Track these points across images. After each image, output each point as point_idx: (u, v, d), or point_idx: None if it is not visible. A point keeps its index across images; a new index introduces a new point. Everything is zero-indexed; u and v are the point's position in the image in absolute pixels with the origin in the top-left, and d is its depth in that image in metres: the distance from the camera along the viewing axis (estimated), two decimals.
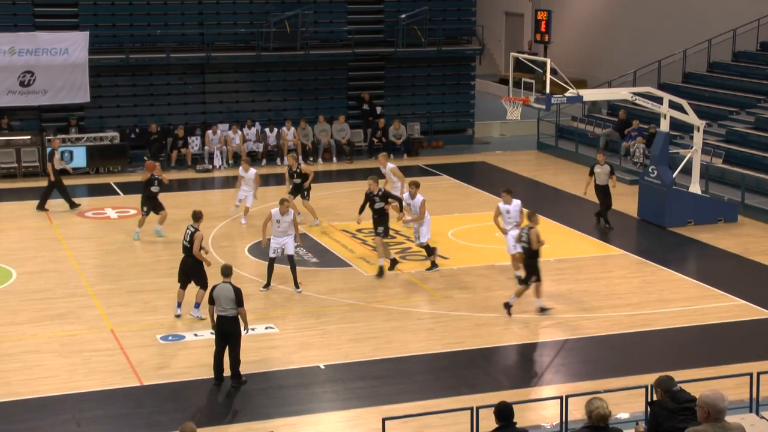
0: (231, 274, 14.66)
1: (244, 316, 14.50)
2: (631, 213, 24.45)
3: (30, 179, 27.86)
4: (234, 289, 14.36)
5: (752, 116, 28.71)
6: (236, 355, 14.44)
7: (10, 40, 28.29)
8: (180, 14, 31.00)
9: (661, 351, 16.28)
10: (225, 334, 14.40)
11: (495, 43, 46.61)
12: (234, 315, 14.34)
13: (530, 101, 22.40)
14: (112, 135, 29.47)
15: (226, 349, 14.47)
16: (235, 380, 14.49)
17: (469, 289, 18.72)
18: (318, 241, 21.88)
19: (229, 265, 14.91)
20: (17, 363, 15.41)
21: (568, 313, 17.70)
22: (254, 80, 31.86)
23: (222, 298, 14.33)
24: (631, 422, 12.23)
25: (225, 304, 14.32)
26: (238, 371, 14.49)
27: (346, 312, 17.66)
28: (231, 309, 14.31)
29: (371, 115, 32.00)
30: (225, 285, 14.45)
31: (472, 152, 32.82)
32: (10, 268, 20.14)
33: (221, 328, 14.42)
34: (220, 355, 14.49)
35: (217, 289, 14.45)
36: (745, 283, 19.36)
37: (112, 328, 16.84)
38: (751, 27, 31.85)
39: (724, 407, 8.45)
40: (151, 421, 13.55)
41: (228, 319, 14.34)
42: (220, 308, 14.37)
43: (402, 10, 32.54)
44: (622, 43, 38.63)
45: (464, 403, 13.35)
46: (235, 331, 14.39)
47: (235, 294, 14.31)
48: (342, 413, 13.98)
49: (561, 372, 15.34)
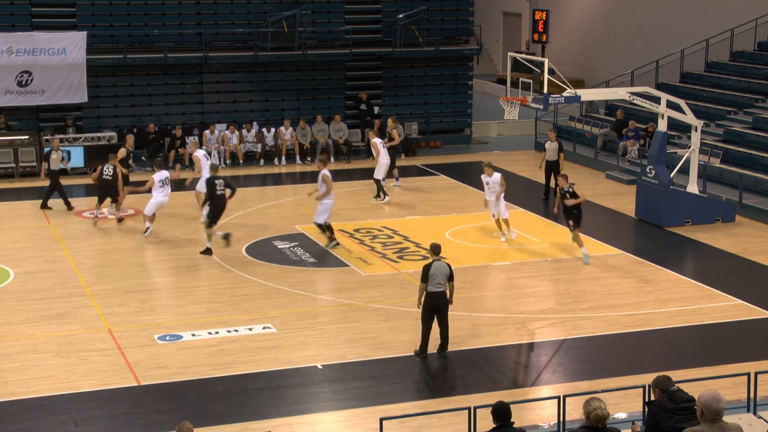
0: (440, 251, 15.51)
1: (453, 290, 15.45)
2: (628, 213, 24.47)
3: (27, 179, 27.85)
4: (448, 266, 15.32)
5: (750, 116, 28.72)
6: (448, 327, 15.46)
7: (8, 40, 28.27)
8: (178, 14, 31.00)
9: (658, 351, 16.29)
10: (437, 308, 15.30)
11: (493, 43, 46.66)
12: (445, 290, 15.24)
13: (528, 101, 22.41)
14: (110, 135, 29.47)
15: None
16: (444, 351, 15.54)
17: (466, 289, 18.71)
18: (316, 241, 21.87)
19: (437, 243, 15.61)
20: (15, 363, 15.40)
21: (565, 312, 17.71)
22: (252, 80, 31.86)
23: (439, 275, 15.14)
24: (628, 422, 12.22)
25: (441, 279, 15.16)
26: (447, 343, 15.52)
27: (343, 312, 17.65)
28: (444, 284, 15.23)
29: (369, 115, 32.00)
30: (440, 262, 15.25)
31: (469, 152, 32.83)
32: (7, 268, 20.12)
33: (434, 303, 15.25)
34: (430, 330, 15.40)
35: (433, 267, 15.17)
36: (743, 283, 19.37)
37: (109, 328, 16.83)
38: (748, 27, 31.87)
39: (720, 408, 8.45)
40: (149, 420, 13.55)
41: (442, 294, 15.25)
42: (435, 284, 15.15)
43: (400, 10, 32.55)
44: (619, 43, 38.67)
45: (462, 403, 13.36)
46: (446, 304, 15.35)
47: (450, 270, 15.27)
48: (339, 413, 13.97)
49: (558, 372, 15.34)
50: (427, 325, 15.46)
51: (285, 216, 24.14)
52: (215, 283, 19.28)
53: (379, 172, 25.34)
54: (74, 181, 27.45)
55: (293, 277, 19.50)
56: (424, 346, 15.52)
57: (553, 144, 25.25)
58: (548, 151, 25.36)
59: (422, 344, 15.52)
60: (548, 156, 25.34)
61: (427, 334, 15.48)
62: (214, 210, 20.78)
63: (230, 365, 15.26)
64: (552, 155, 25.33)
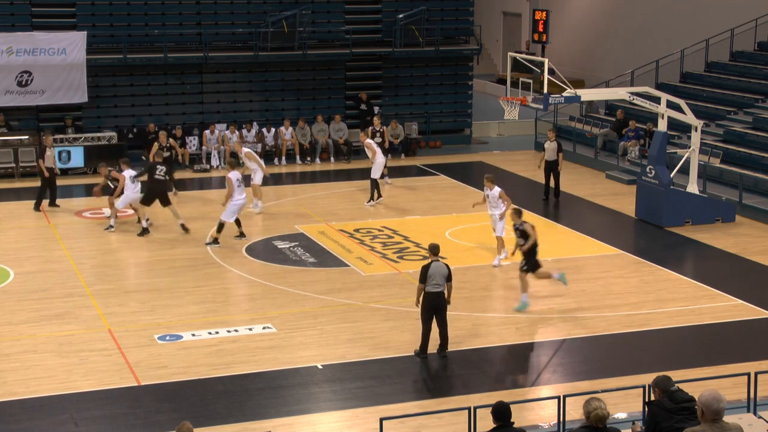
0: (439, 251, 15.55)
1: (450, 290, 15.39)
2: (628, 213, 24.47)
3: (28, 179, 27.84)
4: (447, 266, 15.32)
5: (750, 116, 28.72)
6: (446, 327, 15.46)
7: (8, 40, 28.27)
8: (178, 14, 31.00)
9: (658, 351, 16.29)
10: (436, 309, 15.32)
11: (493, 43, 46.67)
12: (443, 290, 15.25)
13: (528, 101, 22.42)
14: (110, 135, 29.46)
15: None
16: (444, 351, 15.53)
17: (466, 289, 18.71)
18: (316, 241, 21.88)
19: (436, 243, 15.64)
20: (15, 363, 15.40)
21: (565, 312, 17.70)
22: (252, 80, 31.86)
23: (438, 275, 15.16)
24: (628, 422, 12.22)
25: (439, 280, 15.18)
26: (447, 343, 15.52)
27: (343, 312, 17.65)
28: (443, 285, 15.24)
29: (369, 114, 31.99)
30: (439, 263, 15.27)
31: (469, 152, 32.83)
32: (7, 267, 20.12)
33: (432, 303, 15.27)
34: (430, 331, 15.41)
35: (432, 267, 15.19)
36: (743, 283, 19.37)
37: (109, 328, 16.83)
38: (748, 27, 31.87)
39: (720, 408, 8.44)
40: (149, 420, 13.55)
41: (440, 294, 15.26)
42: (434, 284, 15.17)
43: (400, 10, 32.55)
44: (619, 43, 38.67)
45: (462, 403, 13.37)
46: (444, 304, 15.36)
47: (448, 270, 15.27)
48: (339, 413, 13.97)
49: (558, 372, 15.34)
50: (427, 325, 15.47)
51: (285, 216, 24.14)
52: (215, 283, 19.28)
53: (376, 171, 25.26)
54: (75, 181, 27.42)
55: (293, 277, 19.50)
56: (424, 346, 15.53)
57: (552, 144, 25.31)
58: (547, 151, 25.41)
59: (422, 344, 15.53)
60: (547, 156, 25.40)
61: (426, 335, 15.49)
62: (148, 193, 22.39)
63: (230, 365, 15.26)
64: (551, 155, 25.36)
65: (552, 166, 25.44)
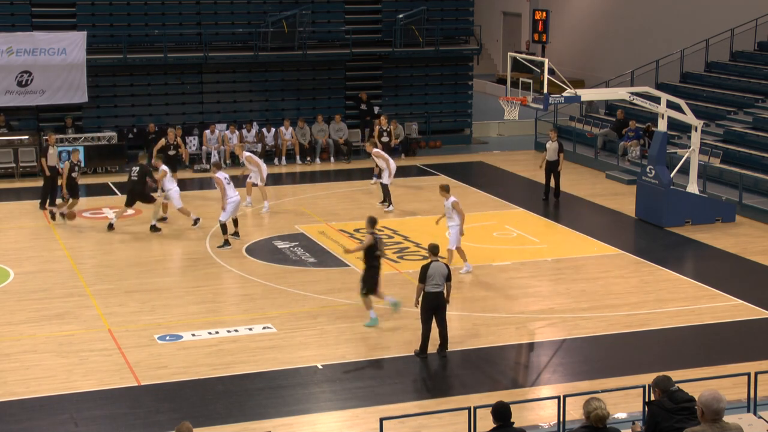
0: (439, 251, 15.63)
1: (450, 290, 15.43)
2: (628, 213, 24.46)
3: (28, 179, 27.84)
4: (446, 266, 15.40)
5: (750, 116, 28.71)
6: (446, 327, 15.48)
7: (8, 40, 28.26)
8: (178, 14, 31.00)
9: (658, 351, 16.28)
10: (435, 308, 15.35)
11: (493, 43, 46.66)
12: (442, 290, 15.29)
13: (528, 101, 22.41)
14: (110, 135, 29.46)
15: None
16: (443, 351, 15.54)
17: (466, 289, 18.70)
18: (316, 241, 21.88)
19: (435, 243, 15.72)
20: (15, 363, 15.39)
21: (565, 312, 17.70)
22: (252, 80, 31.86)
23: (437, 275, 15.19)
24: (628, 422, 12.22)
25: (439, 280, 15.21)
26: (446, 343, 15.53)
27: (343, 312, 17.65)
28: (442, 285, 15.28)
29: (369, 115, 32.00)
30: (438, 263, 15.32)
31: (469, 152, 32.83)
32: (7, 267, 20.12)
33: (432, 303, 15.30)
34: (430, 331, 15.44)
35: (432, 267, 15.22)
36: (743, 283, 19.36)
37: (109, 328, 16.83)
38: (749, 27, 31.87)
39: (720, 408, 8.44)
40: (149, 420, 13.55)
41: (440, 294, 15.30)
42: (433, 284, 15.20)
43: (400, 10, 32.54)
44: (619, 43, 38.67)
45: (462, 403, 13.36)
46: (443, 304, 15.38)
47: (448, 270, 15.33)
48: (339, 413, 13.97)
49: (558, 372, 15.34)
50: (427, 325, 15.48)
51: (285, 216, 24.14)
52: (215, 283, 19.29)
53: (389, 178, 24.66)
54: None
55: (293, 277, 19.50)
56: (424, 346, 15.53)
57: (553, 144, 25.33)
58: (549, 151, 25.43)
59: (422, 344, 15.53)
60: (548, 156, 25.42)
61: (426, 334, 15.49)
62: (128, 194, 22.84)
63: (230, 365, 15.26)
64: (552, 155, 25.39)
65: (553, 166, 25.46)
